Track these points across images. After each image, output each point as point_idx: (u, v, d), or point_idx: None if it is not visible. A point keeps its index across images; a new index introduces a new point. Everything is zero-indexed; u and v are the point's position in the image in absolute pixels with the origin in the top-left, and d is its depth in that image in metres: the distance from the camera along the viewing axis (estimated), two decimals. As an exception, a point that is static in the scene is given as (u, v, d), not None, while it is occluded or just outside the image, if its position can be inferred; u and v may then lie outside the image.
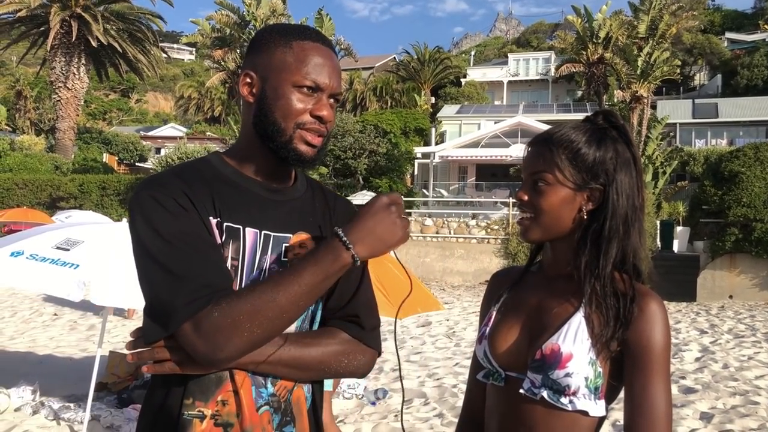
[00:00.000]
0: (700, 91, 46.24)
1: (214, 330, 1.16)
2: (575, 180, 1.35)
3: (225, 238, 1.28)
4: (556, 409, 1.32)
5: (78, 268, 4.50)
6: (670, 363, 1.32)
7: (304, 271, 1.20)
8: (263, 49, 1.35)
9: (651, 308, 1.31)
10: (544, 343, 1.33)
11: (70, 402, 5.64)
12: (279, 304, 1.17)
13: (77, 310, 11.58)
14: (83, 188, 24.74)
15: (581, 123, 1.43)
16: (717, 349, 9.46)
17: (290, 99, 1.31)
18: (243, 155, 1.38)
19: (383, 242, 1.22)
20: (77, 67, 31.04)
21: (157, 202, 1.24)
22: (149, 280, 1.23)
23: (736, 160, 16.94)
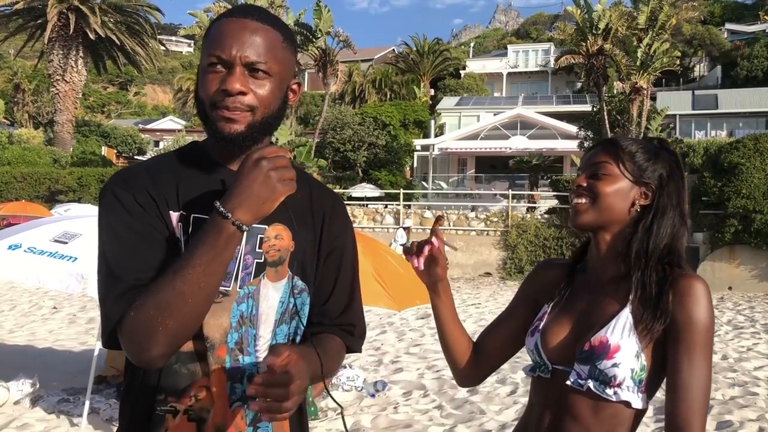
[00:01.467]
0: (699, 83, 46.17)
1: (133, 330, 1.17)
2: (633, 174, 1.48)
3: (192, 229, 1.27)
4: (600, 399, 1.39)
5: (76, 261, 4.50)
6: (712, 342, 1.38)
7: (194, 252, 1.16)
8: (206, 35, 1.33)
9: (694, 287, 1.38)
10: (593, 336, 1.41)
11: (69, 395, 5.64)
12: (180, 291, 1.14)
13: (76, 303, 11.58)
14: (82, 181, 24.70)
15: (640, 139, 1.59)
16: (716, 341, 9.47)
17: (203, 80, 1.27)
18: (211, 143, 1.36)
19: (263, 199, 1.16)
20: (75, 59, 30.94)
21: (115, 198, 1.25)
22: (98, 274, 1.26)
23: (735, 152, 16.91)
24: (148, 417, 1.26)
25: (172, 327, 1.15)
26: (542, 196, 23.33)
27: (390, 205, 22.49)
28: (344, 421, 1.39)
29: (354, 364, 6.96)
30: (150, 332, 1.15)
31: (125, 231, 1.23)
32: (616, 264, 1.48)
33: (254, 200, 1.16)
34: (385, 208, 21.82)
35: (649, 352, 1.38)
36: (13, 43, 41.43)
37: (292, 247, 1.37)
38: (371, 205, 22.83)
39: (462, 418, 5.58)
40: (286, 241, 1.36)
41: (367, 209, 21.80)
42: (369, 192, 26.10)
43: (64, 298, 12.02)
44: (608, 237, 1.49)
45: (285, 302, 1.36)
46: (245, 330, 1.30)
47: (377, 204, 23.29)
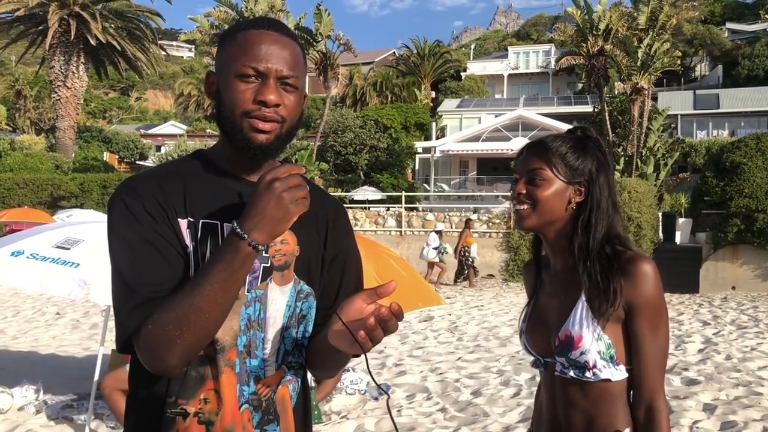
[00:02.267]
0: (701, 82, 46.15)
1: (150, 343, 1.20)
2: (566, 175, 1.61)
3: (201, 235, 1.29)
4: (585, 382, 1.58)
5: (79, 267, 4.49)
6: (666, 315, 1.58)
7: (212, 270, 1.20)
8: (220, 46, 1.37)
9: (641, 267, 1.56)
10: (559, 331, 1.59)
11: (73, 401, 5.64)
12: (199, 307, 1.19)
13: (79, 309, 11.60)
14: (84, 187, 24.73)
15: (564, 133, 1.72)
16: (720, 341, 9.45)
17: (234, 89, 1.30)
18: (220, 152, 1.39)
19: (276, 221, 1.20)
20: (76, 65, 31.01)
21: (125, 207, 1.26)
22: (112, 284, 1.27)
23: (737, 151, 16.89)
24: (157, 420, 1.27)
25: (190, 340, 1.20)
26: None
27: (392, 208, 22.50)
28: (389, 409, 1.42)
29: (357, 368, 6.95)
30: (168, 345, 1.19)
31: (137, 241, 1.25)
32: (564, 257, 1.65)
33: (269, 222, 1.20)
34: (387, 211, 21.82)
35: (612, 329, 1.56)
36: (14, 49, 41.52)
37: (297, 251, 1.38)
38: (373, 208, 22.84)
39: (466, 420, 5.57)
40: (291, 246, 1.38)
41: (369, 212, 21.81)
42: (371, 195, 26.11)
43: (67, 303, 12.03)
44: (552, 234, 1.65)
45: (292, 306, 1.38)
46: (253, 333, 1.32)
47: (379, 207, 23.29)
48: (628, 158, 21.83)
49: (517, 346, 9.00)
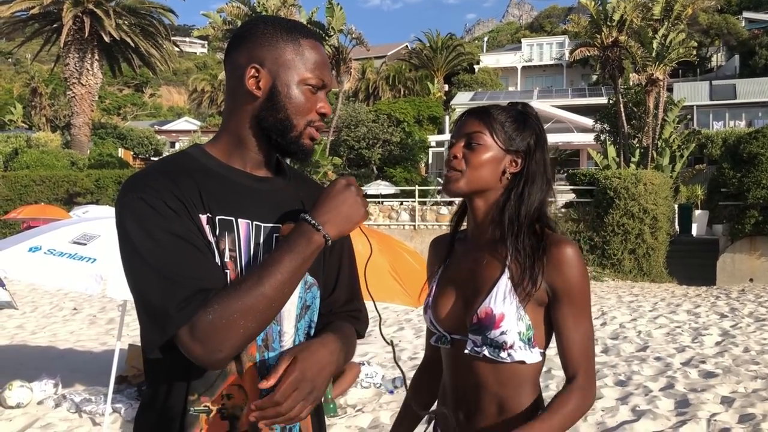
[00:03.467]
0: (717, 73, 45.62)
1: (210, 333, 1.17)
2: (504, 143, 1.56)
3: (219, 231, 1.29)
4: (497, 362, 1.51)
5: (95, 262, 4.53)
6: (589, 299, 1.53)
7: (282, 259, 1.23)
8: (268, 43, 1.35)
9: (567, 253, 1.50)
10: (478, 308, 1.52)
11: (91, 395, 5.69)
12: (267, 296, 1.20)
13: (96, 304, 11.70)
14: (99, 183, 24.91)
15: (505, 105, 1.64)
16: (737, 333, 9.37)
17: (301, 97, 1.35)
18: (232, 146, 1.38)
19: (349, 220, 1.29)
20: (90, 62, 31.19)
21: (147, 205, 1.23)
22: (141, 284, 1.22)
23: (755, 142, 16.70)
24: (180, 418, 1.27)
25: (253, 329, 1.20)
26: (559, 190, 23.18)
27: (405, 202, 22.47)
28: (395, 355, 1.55)
29: (372, 361, 6.97)
30: (229, 335, 1.17)
31: (169, 236, 1.22)
32: (492, 229, 1.58)
33: (342, 219, 1.28)
34: (400, 205, 21.79)
35: (533, 310, 1.51)
36: (29, 47, 41.88)
37: None
38: (386, 203, 22.81)
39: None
40: None
41: (383, 206, 21.78)
42: (384, 189, 26.08)
43: (84, 299, 12.15)
44: (482, 204, 1.59)
45: (302, 297, 1.39)
46: (270, 327, 1.32)
47: (392, 201, 23.27)
48: (643, 150, 21.64)
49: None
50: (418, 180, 27.62)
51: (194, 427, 1.26)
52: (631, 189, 17.15)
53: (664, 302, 13.06)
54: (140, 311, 1.23)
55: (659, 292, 14.91)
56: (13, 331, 9.39)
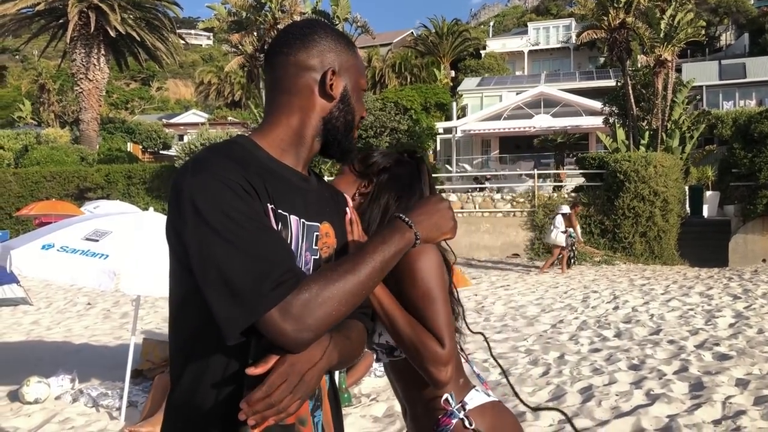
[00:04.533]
0: (726, 52, 45.17)
1: (305, 312, 1.17)
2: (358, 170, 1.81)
3: (279, 226, 1.30)
4: (397, 361, 1.68)
5: (108, 258, 4.57)
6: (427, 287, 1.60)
7: (376, 249, 1.29)
8: (336, 49, 1.45)
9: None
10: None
11: (107, 389, 5.75)
12: (361, 281, 1.25)
13: (109, 299, 11.79)
14: (109, 178, 25.01)
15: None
16: (751, 314, 9.33)
17: (359, 100, 1.49)
18: (288, 143, 1.41)
19: (438, 229, 1.43)
20: (97, 57, 31.24)
21: (225, 186, 1.21)
22: (223, 265, 1.18)
23: (766, 121, 16.54)
24: (232, 420, 1.22)
25: (342, 313, 1.23)
26: (568, 175, 23.09)
27: (415, 190, 22.40)
28: (488, 345, 1.61)
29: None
30: (322, 316, 1.19)
31: (247, 217, 1.21)
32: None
33: (431, 226, 1.42)
34: (409, 193, 21.74)
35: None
36: (36, 44, 42.00)
37: (335, 244, 1.46)
38: (396, 191, 22.76)
39: (495, 400, 5.58)
40: (332, 239, 1.46)
41: (392, 195, 21.74)
42: (393, 177, 26.02)
43: (97, 294, 12.24)
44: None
45: None
46: None
47: (402, 189, 23.19)
48: (652, 132, 21.48)
49: (545, 324, 8.98)
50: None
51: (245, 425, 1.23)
52: (641, 172, 17.05)
53: (676, 285, 13.02)
54: (218, 295, 1.18)
55: (671, 275, 14.86)
56: (28, 327, 9.48)
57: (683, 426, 4.77)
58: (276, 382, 1.18)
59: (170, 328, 1.36)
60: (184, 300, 1.30)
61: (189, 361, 1.30)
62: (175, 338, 1.35)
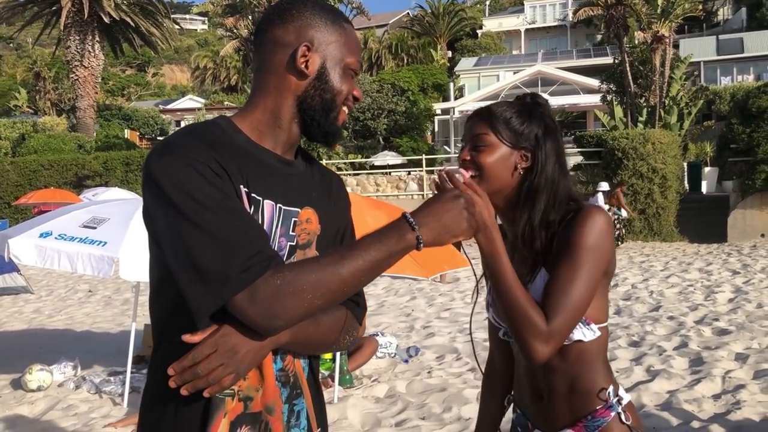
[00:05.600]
0: (724, 27, 44.88)
1: (274, 298, 1.14)
2: (510, 140, 1.57)
3: (251, 209, 1.27)
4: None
5: (106, 245, 4.57)
6: (595, 264, 1.47)
7: (369, 247, 1.21)
8: (317, 25, 1.35)
9: (589, 214, 1.50)
10: None
11: (110, 376, 5.78)
12: (342, 277, 1.18)
13: (110, 285, 11.82)
14: (107, 165, 24.95)
15: (513, 101, 1.65)
16: (750, 289, 9.36)
17: (343, 79, 1.38)
18: (266, 125, 1.36)
19: (448, 230, 1.27)
20: (92, 44, 31.08)
21: (191, 168, 1.19)
22: (192, 249, 1.16)
23: (764, 96, 16.50)
24: (205, 402, 1.23)
25: (317, 306, 1.18)
26: (567, 153, 23.02)
27: (413, 172, 22.42)
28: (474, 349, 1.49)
29: (386, 332, 7.02)
30: (293, 305, 1.15)
31: (215, 200, 1.18)
32: (514, 225, 1.60)
33: (441, 228, 1.26)
34: (408, 175, 21.76)
35: None
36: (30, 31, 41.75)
37: (318, 230, 1.39)
38: (394, 173, 22.77)
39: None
40: (314, 225, 1.38)
41: (391, 177, 21.76)
42: (391, 160, 26.02)
43: (98, 281, 12.27)
44: (502, 203, 1.61)
45: None
46: None
47: (400, 171, 23.23)
48: (650, 109, 21.42)
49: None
50: (425, 149, 27.50)
51: (219, 411, 1.23)
52: (639, 149, 17.03)
53: (675, 261, 13.05)
54: (188, 278, 1.17)
55: (670, 251, 14.88)
56: (30, 315, 9.51)
57: (683, 401, 4.80)
58: (204, 352, 1.17)
59: (150, 310, 1.35)
60: (161, 281, 1.29)
61: (163, 341, 1.29)
62: (154, 319, 1.34)
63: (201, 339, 1.17)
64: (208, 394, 1.19)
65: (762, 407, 4.63)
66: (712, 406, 4.76)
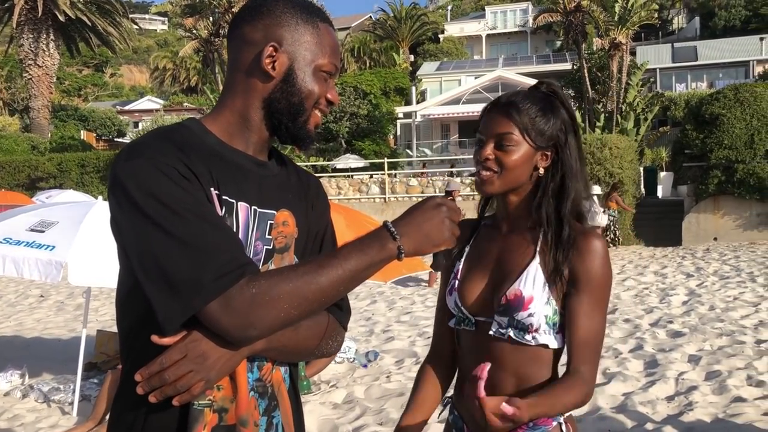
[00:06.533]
0: (678, 35, 46.04)
1: (248, 306, 1.10)
2: (535, 141, 1.54)
3: (223, 212, 1.22)
4: (521, 344, 1.53)
5: (54, 249, 4.43)
6: (608, 296, 1.55)
7: (349, 256, 1.17)
8: (287, 23, 1.30)
9: (593, 244, 1.52)
10: (507, 290, 1.53)
11: (59, 383, 5.59)
12: (320, 287, 1.14)
13: (64, 290, 11.51)
14: (62, 167, 24.38)
15: (530, 91, 1.61)
16: (703, 292, 9.56)
17: (314, 82, 1.31)
18: (235, 126, 1.31)
19: (429, 240, 1.24)
20: (46, 43, 30.36)
21: (159, 171, 1.14)
22: (159, 256, 1.11)
23: (716, 103, 16.92)
24: (177, 414, 1.18)
25: (293, 316, 1.14)
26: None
27: (375, 175, 22.41)
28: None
29: (346, 336, 6.96)
30: (268, 314, 1.11)
31: (184, 204, 1.13)
32: (524, 221, 1.59)
33: (422, 237, 1.23)
34: (370, 179, 21.73)
35: (558, 297, 1.52)
36: (-19, 29, 40.53)
37: (296, 233, 1.35)
38: (356, 176, 22.73)
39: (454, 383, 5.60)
40: (291, 228, 1.34)
41: (353, 180, 21.71)
42: (353, 163, 25.99)
43: (51, 286, 11.94)
44: (515, 198, 1.60)
45: None
46: None
47: (362, 174, 23.20)
48: (608, 114, 21.81)
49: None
50: (387, 152, 27.55)
51: (198, 423, 1.17)
52: (597, 154, 17.29)
53: (632, 264, 13.27)
54: (156, 287, 1.12)
55: (627, 255, 15.14)
56: (-23, 321, 9.19)
57: (638, 403, 4.86)
58: (173, 357, 1.12)
59: (117, 319, 1.30)
60: (130, 290, 1.23)
61: (132, 350, 1.24)
62: (121, 328, 1.28)
63: (170, 342, 1.13)
64: (178, 402, 1.14)
65: (713, 408, 4.71)
66: (666, 407, 4.82)
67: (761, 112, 16.47)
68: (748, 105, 16.56)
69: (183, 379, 1.12)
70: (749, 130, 16.45)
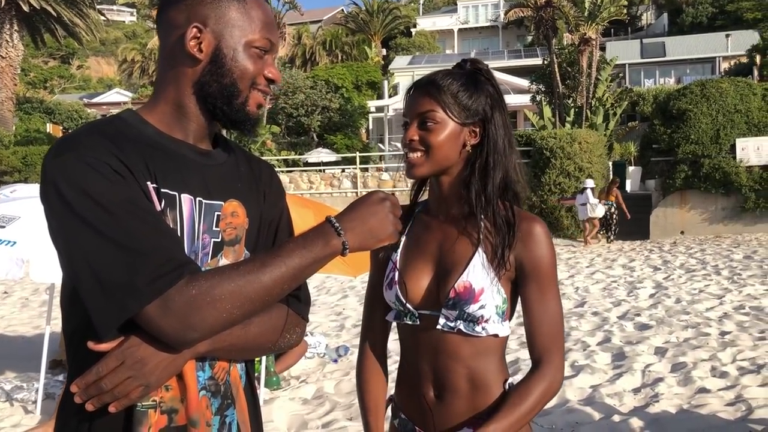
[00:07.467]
0: (647, 31, 46.63)
1: (188, 308, 1.06)
2: (459, 117, 1.48)
3: (163, 206, 1.17)
4: (470, 336, 1.49)
5: (15, 245, 4.33)
6: (556, 275, 1.52)
7: (292, 253, 1.14)
8: (210, 2, 1.23)
9: (536, 230, 1.49)
10: (455, 283, 1.47)
11: (22, 382, 5.49)
12: (264, 285, 1.11)
13: (29, 286, 11.29)
14: (27, 161, 23.90)
15: (453, 69, 1.55)
16: (670, 285, 9.71)
17: (248, 60, 1.25)
18: (171, 116, 1.26)
19: (373, 235, 1.21)
20: (10, 33, 29.62)
21: (89, 167, 1.09)
22: (93, 258, 1.06)
23: (683, 98, 17.18)
24: (125, 416, 1.14)
25: (236, 316, 1.10)
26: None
27: (347, 170, 22.34)
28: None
29: (315, 331, 6.93)
30: (210, 316, 1.07)
31: (117, 202, 1.08)
32: (458, 204, 1.53)
33: (366, 232, 1.20)
34: (342, 173, 21.66)
35: (504, 284, 1.49)
36: (-58, 19, 39.44)
37: (246, 224, 1.30)
38: (328, 171, 22.65)
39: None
40: (241, 219, 1.29)
41: (324, 174, 21.62)
42: (325, 157, 25.88)
43: (15, 282, 11.68)
44: (446, 180, 1.54)
45: None
46: None
47: (334, 169, 23.11)
48: (578, 109, 21.99)
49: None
50: (359, 146, 27.47)
51: (143, 425, 1.14)
52: (567, 148, 17.45)
53: (600, 258, 13.43)
54: (90, 290, 1.07)
55: (596, 248, 15.31)
56: (-62, 319, 8.97)
57: (605, 395, 4.91)
58: (109, 365, 1.09)
59: (62, 322, 1.25)
60: (72, 292, 1.18)
61: (78, 354, 1.19)
62: (66, 331, 1.24)
63: (107, 348, 1.09)
64: (114, 408, 1.10)
65: (678, 399, 4.78)
66: (633, 399, 4.88)
67: (726, 107, 16.77)
68: (714, 100, 16.84)
69: (120, 386, 1.09)
70: (715, 126, 16.74)
